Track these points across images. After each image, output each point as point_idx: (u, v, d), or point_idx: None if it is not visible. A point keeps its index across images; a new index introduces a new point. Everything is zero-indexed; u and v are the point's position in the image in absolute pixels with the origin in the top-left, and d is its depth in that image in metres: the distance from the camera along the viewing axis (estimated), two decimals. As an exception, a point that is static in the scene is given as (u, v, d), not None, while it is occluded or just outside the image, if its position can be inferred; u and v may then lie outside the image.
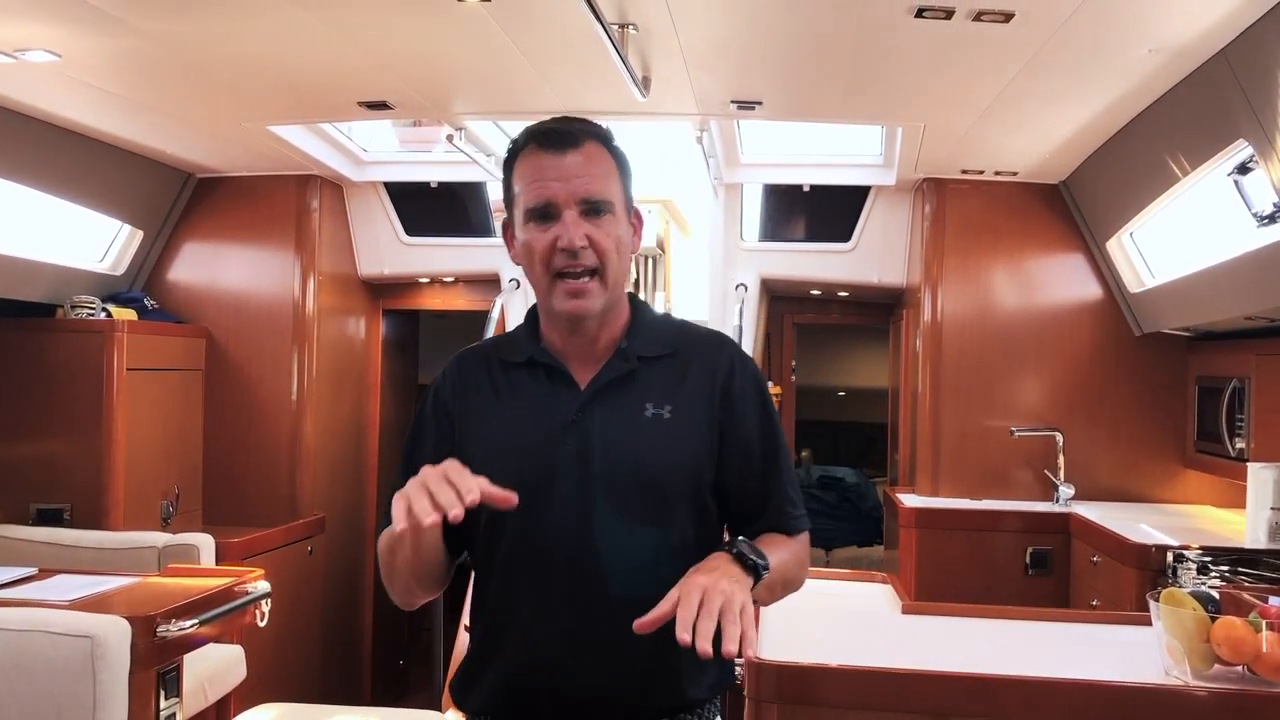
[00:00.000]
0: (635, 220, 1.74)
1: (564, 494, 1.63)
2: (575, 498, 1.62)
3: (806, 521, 1.76)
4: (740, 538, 1.58)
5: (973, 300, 4.78)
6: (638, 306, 1.78)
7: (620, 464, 1.64)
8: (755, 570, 1.51)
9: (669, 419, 1.66)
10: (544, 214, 1.62)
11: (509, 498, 1.44)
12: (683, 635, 1.33)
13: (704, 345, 1.77)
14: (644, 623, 1.39)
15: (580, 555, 1.62)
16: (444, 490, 1.38)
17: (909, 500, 4.68)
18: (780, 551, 1.64)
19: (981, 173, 4.67)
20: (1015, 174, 4.65)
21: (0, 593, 3.20)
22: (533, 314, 1.77)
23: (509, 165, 1.70)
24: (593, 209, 1.63)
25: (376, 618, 5.62)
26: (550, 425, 1.66)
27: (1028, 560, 4.37)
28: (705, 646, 1.32)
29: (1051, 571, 4.34)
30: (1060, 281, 4.76)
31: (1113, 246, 4.46)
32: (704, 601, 1.36)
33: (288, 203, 4.94)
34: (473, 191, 5.26)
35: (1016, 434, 4.66)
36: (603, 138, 1.69)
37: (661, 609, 1.39)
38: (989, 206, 4.79)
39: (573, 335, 1.70)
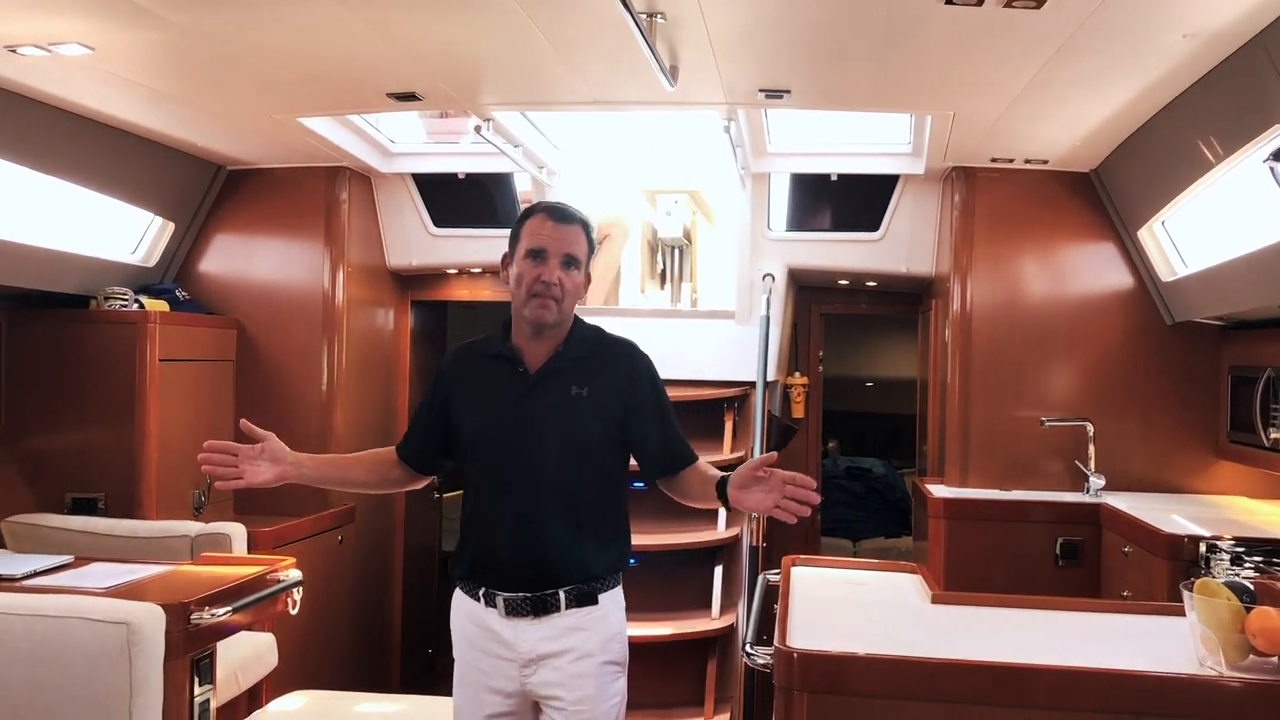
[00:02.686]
0: (587, 279, 2.65)
1: (516, 441, 2.55)
2: (523, 445, 2.54)
3: (694, 451, 2.68)
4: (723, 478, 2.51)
5: (1002, 290, 4.75)
6: (577, 323, 2.66)
7: (552, 424, 2.55)
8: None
9: (586, 396, 2.56)
10: (538, 255, 2.53)
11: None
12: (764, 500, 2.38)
13: (615, 348, 2.68)
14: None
15: (526, 481, 2.53)
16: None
17: (938, 491, 4.66)
18: (708, 466, 2.64)
19: (1011, 161, 4.63)
20: (1045, 162, 4.61)
21: (37, 580, 3.24)
22: (505, 324, 2.65)
23: (522, 220, 2.60)
24: (567, 262, 2.55)
25: (405, 606, 5.66)
26: (509, 396, 2.58)
27: (1058, 551, 4.34)
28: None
29: (1082, 562, 4.31)
30: (1091, 270, 4.73)
31: (1144, 235, 4.42)
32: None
33: (317, 194, 4.98)
34: (500, 182, 5.28)
35: (1047, 424, 4.63)
36: (584, 223, 2.62)
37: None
38: (1019, 195, 4.75)
39: (533, 339, 2.59)
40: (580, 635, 2.53)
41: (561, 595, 2.52)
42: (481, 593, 2.56)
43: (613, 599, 2.61)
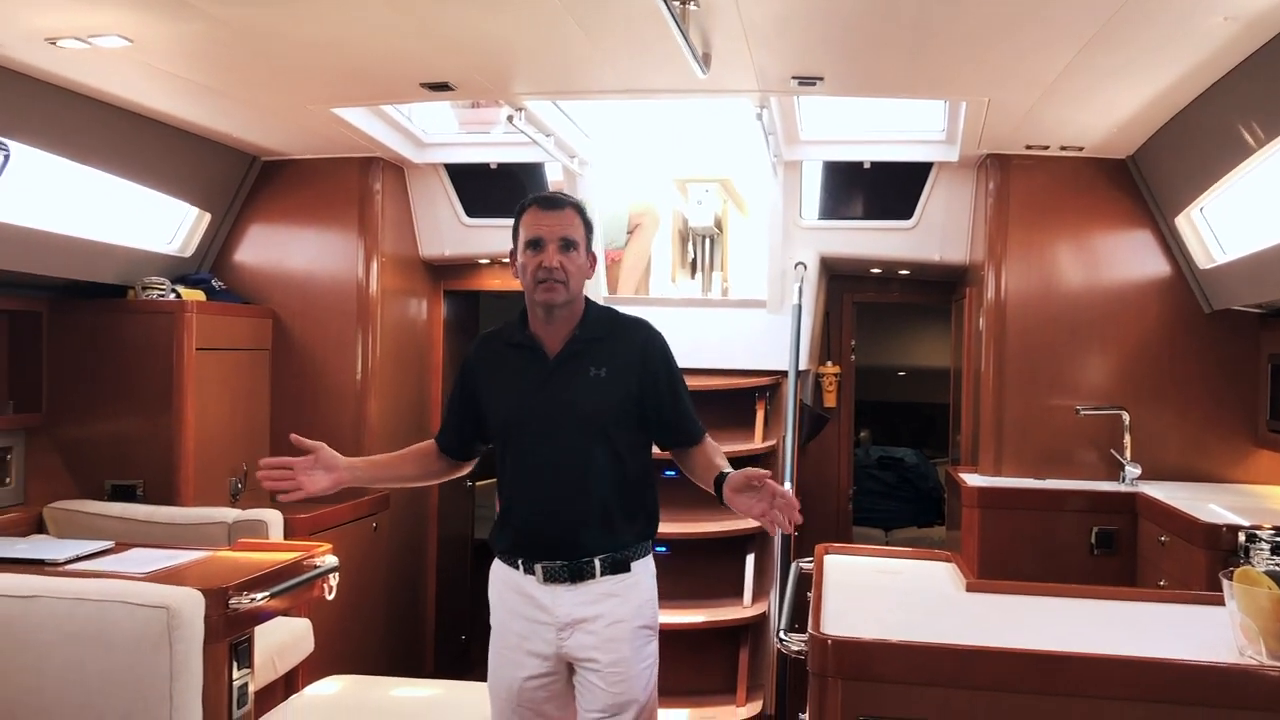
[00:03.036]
0: (592, 259, 2.77)
1: (543, 423, 2.69)
2: (550, 426, 2.68)
3: (703, 428, 2.80)
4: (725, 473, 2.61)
5: (1037, 278, 4.72)
6: (589, 305, 2.78)
7: (573, 405, 2.68)
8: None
9: (604, 377, 2.69)
10: (536, 245, 2.66)
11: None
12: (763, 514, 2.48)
13: (628, 327, 2.80)
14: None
15: (555, 460, 2.68)
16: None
17: (971, 480, 4.63)
18: (718, 455, 2.74)
19: (1046, 148, 4.59)
20: (1081, 149, 4.57)
21: (79, 565, 3.29)
22: (521, 314, 2.77)
23: (518, 215, 2.72)
24: (564, 245, 2.66)
25: (439, 594, 5.70)
26: (533, 381, 2.71)
27: (1093, 540, 4.31)
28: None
29: (1117, 552, 4.28)
30: (1127, 258, 4.68)
31: (1181, 222, 4.37)
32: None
33: (351, 185, 5.01)
34: (532, 172, 5.29)
35: (1082, 413, 4.60)
36: (575, 205, 2.75)
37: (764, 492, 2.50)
38: (1054, 182, 4.71)
39: (547, 323, 2.71)
40: (614, 601, 2.68)
41: (596, 563, 2.67)
42: (520, 562, 2.71)
43: (644, 567, 2.77)
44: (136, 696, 2.78)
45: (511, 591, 2.73)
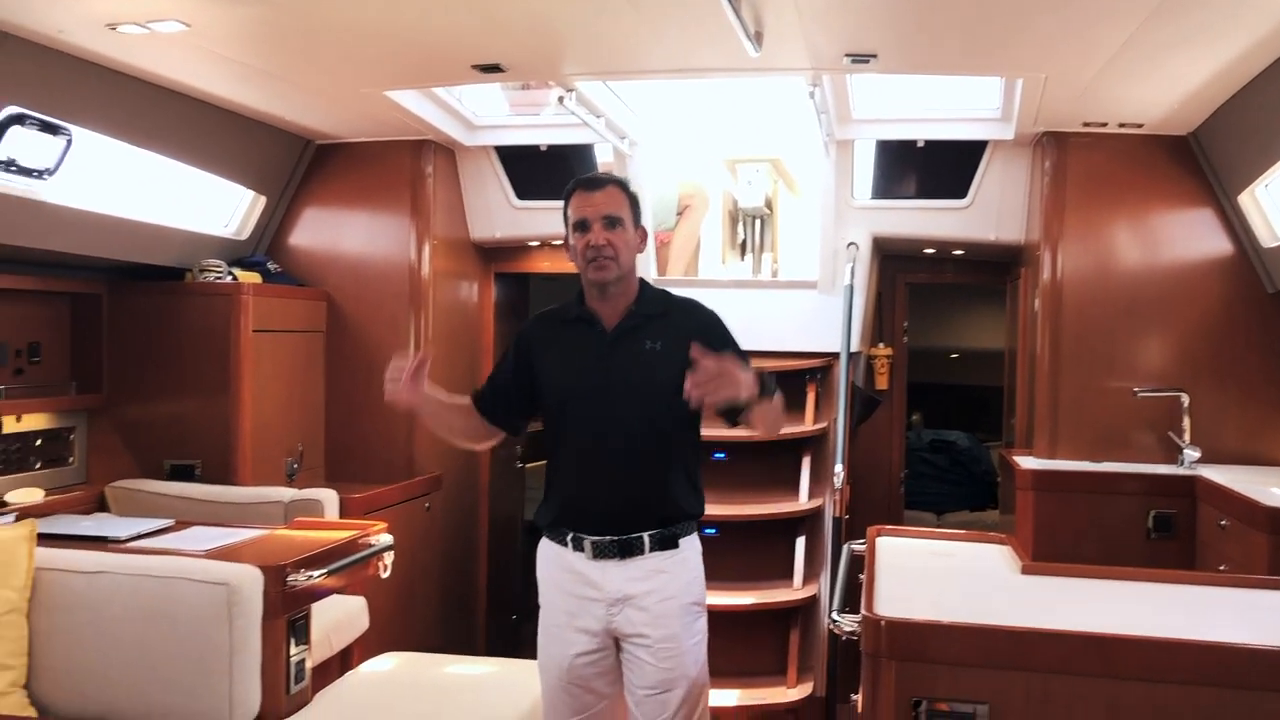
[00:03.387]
0: (641, 233, 2.84)
1: (600, 395, 2.74)
2: (606, 398, 2.73)
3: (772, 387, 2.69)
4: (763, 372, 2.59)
5: (1095, 258, 4.64)
6: (644, 285, 2.86)
7: (630, 376, 2.73)
8: (766, 387, 2.59)
9: (660, 350, 2.73)
10: (583, 227, 2.73)
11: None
12: (692, 391, 2.42)
13: (684, 308, 2.86)
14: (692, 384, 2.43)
15: (610, 433, 2.73)
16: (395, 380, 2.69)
17: (1026, 463, 4.58)
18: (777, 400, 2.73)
19: (1105, 125, 4.51)
20: (1140, 126, 4.48)
21: (141, 542, 3.36)
22: (579, 294, 2.84)
23: (566, 200, 2.79)
24: (609, 223, 2.72)
25: (490, 573, 5.75)
26: (590, 354, 2.78)
27: (1150, 524, 4.24)
28: (695, 395, 2.42)
29: (1175, 535, 4.21)
30: (1187, 237, 4.59)
31: (1245, 200, 4.27)
32: (720, 373, 2.43)
33: (402, 168, 5.04)
34: (582, 153, 5.28)
35: (1139, 395, 4.52)
36: (620, 183, 2.81)
37: (701, 369, 2.42)
38: (1112, 160, 4.62)
39: (601, 300, 2.78)
40: (663, 578, 2.73)
41: (645, 539, 2.72)
42: (569, 538, 2.76)
43: (691, 544, 2.81)
44: (198, 670, 2.85)
45: (560, 569, 2.78)
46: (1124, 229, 4.63)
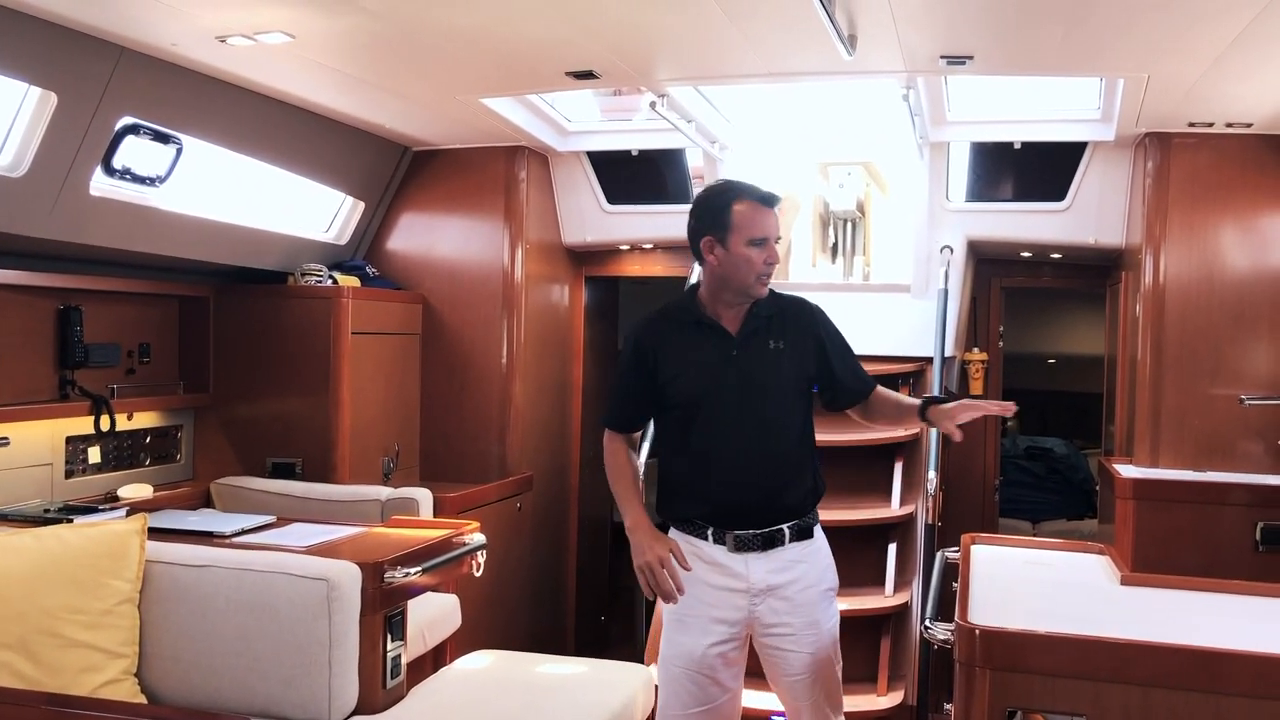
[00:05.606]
0: None
1: (734, 395, 2.81)
2: (741, 398, 2.81)
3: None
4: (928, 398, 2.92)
5: (1199, 262, 4.50)
6: None
7: (761, 377, 2.83)
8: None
9: (784, 349, 2.86)
10: (761, 244, 2.79)
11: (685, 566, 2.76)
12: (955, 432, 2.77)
13: (794, 306, 2.96)
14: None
15: (747, 431, 2.80)
16: (665, 584, 2.70)
17: (1126, 471, 4.46)
18: (898, 398, 3.04)
19: (1211, 125, 4.37)
20: (1249, 125, 4.34)
21: (245, 538, 3.47)
22: (691, 291, 2.97)
23: (725, 205, 2.81)
24: (775, 240, 2.85)
25: (580, 574, 5.80)
26: (716, 359, 2.84)
27: (1258, 536, 4.11)
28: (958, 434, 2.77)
29: (1285, 549, 4.07)
30: (1299, 240, 4.43)
31: (1362, 201, 4.11)
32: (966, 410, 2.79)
33: (497, 173, 5.13)
34: (672, 159, 5.31)
35: (1246, 403, 4.37)
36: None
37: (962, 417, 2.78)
38: (1218, 161, 4.48)
39: (732, 306, 2.86)
40: (803, 567, 2.86)
41: (786, 530, 2.83)
42: (710, 532, 2.83)
43: (820, 532, 2.96)
44: (298, 663, 2.92)
45: (699, 561, 2.82)
46: (1231, 231, 4.49)
